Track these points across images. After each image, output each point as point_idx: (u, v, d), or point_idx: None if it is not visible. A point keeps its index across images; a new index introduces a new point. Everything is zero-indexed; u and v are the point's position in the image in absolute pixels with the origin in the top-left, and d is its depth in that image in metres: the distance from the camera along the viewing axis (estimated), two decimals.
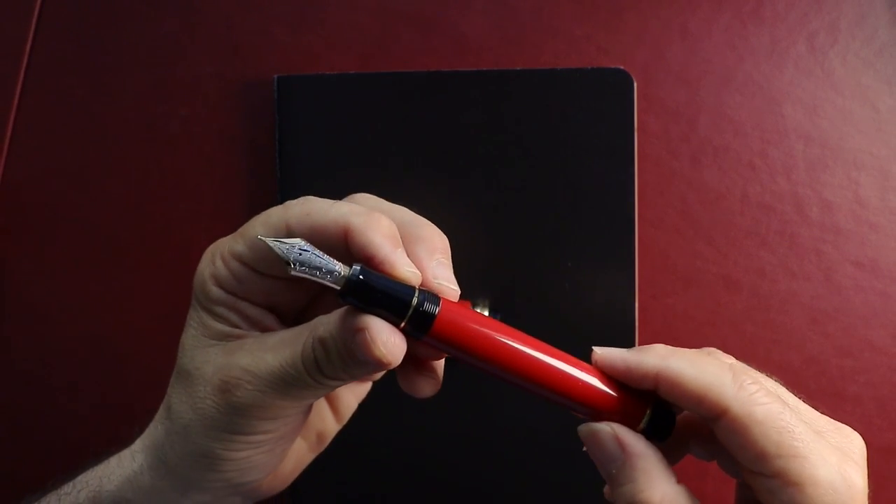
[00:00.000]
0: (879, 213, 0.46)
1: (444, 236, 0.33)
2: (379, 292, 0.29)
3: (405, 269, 0.30)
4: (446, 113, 0.46)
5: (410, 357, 0.32)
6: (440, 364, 0.33)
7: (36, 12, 0.48)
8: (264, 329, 0.34)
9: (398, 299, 0.29)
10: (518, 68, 0.46)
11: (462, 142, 0.46)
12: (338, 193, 0.46)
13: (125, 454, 0.36)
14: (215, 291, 0.33)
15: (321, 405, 0.38)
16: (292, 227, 0.32)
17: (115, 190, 0.48)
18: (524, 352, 0.31)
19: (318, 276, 0.29)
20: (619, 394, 0.32)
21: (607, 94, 0.45)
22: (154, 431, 0.35)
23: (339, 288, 0.29)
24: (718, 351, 0.33)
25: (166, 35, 0.48)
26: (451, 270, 0.32)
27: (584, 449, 0.33)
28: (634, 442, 0.31)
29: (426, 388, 0.33)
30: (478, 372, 0.32)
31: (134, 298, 0.48)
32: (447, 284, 0.31)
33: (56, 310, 0.48)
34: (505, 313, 0.45)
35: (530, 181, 0.46)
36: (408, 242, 0.31)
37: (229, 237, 0.33)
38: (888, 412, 0.46)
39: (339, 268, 0.29)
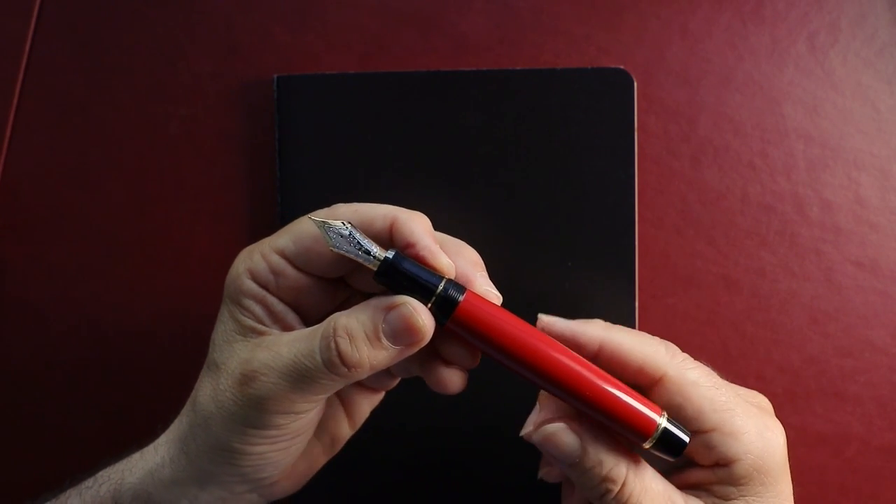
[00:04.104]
0: (880, 213, 0.46)
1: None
2: (410, 275, 0.32)
3: (443, 258, 0.33)
4: (446, 113, 0.46)
5: (436, 352, 0.34)
6: (465, 355, 0.34)
7: (35, 12, 0.48)
8: (286, 327, 0.35)
9: (427, 282, 0.32)
10: (518, 68, 0.46)
11: (462, 142, 0.46)
12: (338, 193, 0.46)
13: (148, 448, 0.37)
14: (248, 284, 0.35)
15: (337, 410, 0.39)
16: (282, 248, 0.34)
17: (115, 190, 0.48)
18: (549, 348, 0.32)
19: (356, 255, 0.32)
20: (634, 398, 0.33)
21: (607, 94, 0.45)
22: (179, 424, 0.37)
23: (374, 268, 0.32)
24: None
25: (166, 35, 0.48)
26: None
27: (540, 475, 0.37)
28: (589, 429, 0.33)
29: (454, 381, 0.34)
30: (496, 363, 0.33)
31: (134, 298, 0.48)
32: (494, 292, 0.34)
33: (56, 310, 0.48)
34: None
35: (530, 181, 0.46)
36: (449, 255, 0.34)
37: (269, 237, 0.36)
38: (888, 412, 0.46)
39: (377, 250, 0.32)
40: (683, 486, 0.34)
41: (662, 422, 0.32)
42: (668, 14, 0.46)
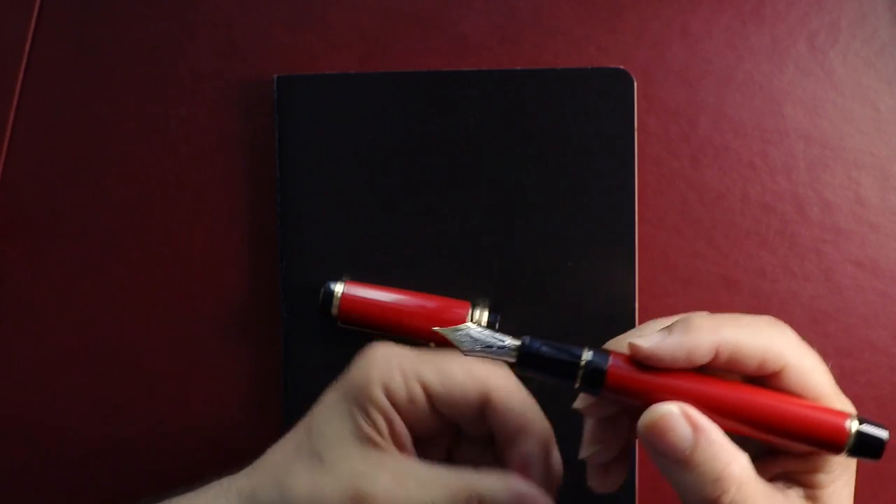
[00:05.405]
0: (880, 213, 0.46)
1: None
2: (550, 356, 0.31)
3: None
4: (446, 113, 0.46)
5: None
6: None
7: (35, 12, 0.48)
8: (401, 447, 0.36)
9: (569, 358, 0.31)
10: (518, 68, 0.46)
11: (462, 141, 0.46)
12: (338, 192, 0.46)
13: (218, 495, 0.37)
14: (380, 398, 0.35)
15: None
16: (427, 384, 0.35)
17: (115, 190, 0.48)
18: (707, 386, 0.31)
19: (492, 353, 0.32)
20: (812, 408, 0.31)
21: (607, 94, 0.45)
22: (252, 498, 0.36)
23: (513, 360, 0.32)
24: (704, 313, 0.34)
25: (166, 35, 0.48)
26: None
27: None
28: (702, 417, 0.30)
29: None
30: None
31: (133, 298, 0.48)
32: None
33: (55, 310, 0.48)
34: (505, 313, 0.45)
35: (530, 181, 0.46)
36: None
37: (416, 355, 0.36)
38: (888, 412, 0.46)
39: (510, 342, 0.32)
40: (767, 477, 0.31)
41: (854, 424, 0.30)
42: (668, 14, 0.46)
